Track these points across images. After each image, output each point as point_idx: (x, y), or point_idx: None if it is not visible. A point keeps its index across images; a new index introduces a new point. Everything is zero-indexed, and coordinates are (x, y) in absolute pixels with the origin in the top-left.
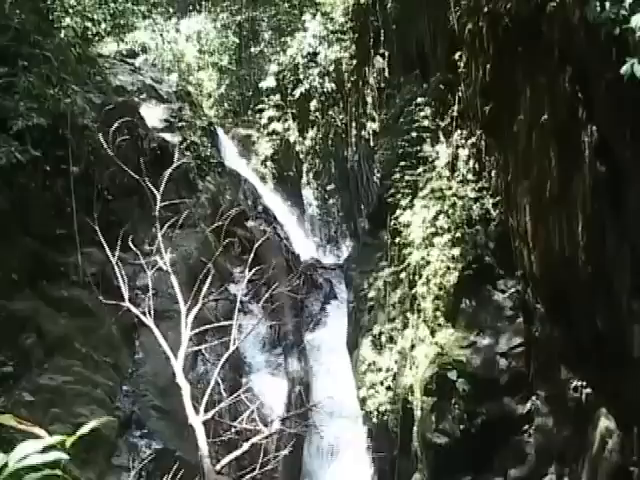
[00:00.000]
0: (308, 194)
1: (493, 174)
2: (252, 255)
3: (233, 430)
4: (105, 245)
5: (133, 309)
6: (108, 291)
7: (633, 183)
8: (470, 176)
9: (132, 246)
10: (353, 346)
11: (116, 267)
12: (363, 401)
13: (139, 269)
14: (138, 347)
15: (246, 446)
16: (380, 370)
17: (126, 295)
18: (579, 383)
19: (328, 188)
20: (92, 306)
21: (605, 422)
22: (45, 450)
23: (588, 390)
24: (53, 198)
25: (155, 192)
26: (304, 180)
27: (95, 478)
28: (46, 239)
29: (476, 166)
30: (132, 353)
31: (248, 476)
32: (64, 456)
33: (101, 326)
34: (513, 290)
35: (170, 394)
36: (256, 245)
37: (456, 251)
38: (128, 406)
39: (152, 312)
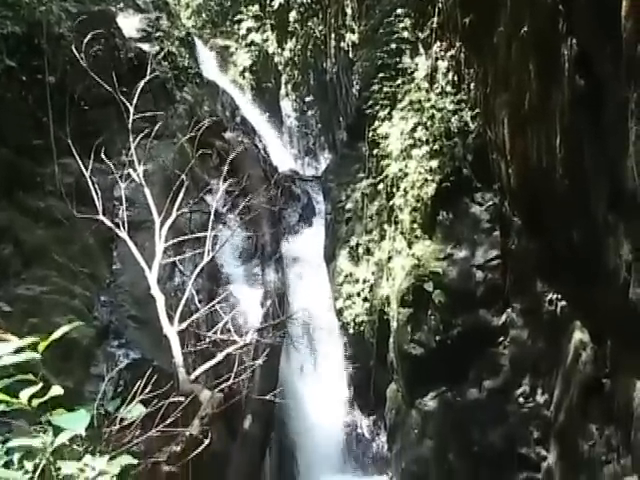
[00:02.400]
0: (286, 106)
1: (472, 86)
2: (229, 165)
3: (209, 340)
4: (81, 156)
5: (106, 221)
6: (85, 202)
7: (612, 96)
8: (449, 88)
9: (108, 157)
10: (330, 258)
11: (89, 180)
12: (340, 312)
13: (116, 180)
14: (115, 257)
15: (221, 356)
16: (357, 281)
17: (100, 207)
18: (554, 296)
19: (306, 100)
20: (69, 217)
21: (579, 334)
22: (17, 352)
23: (563, 303)
24: (29, 108)
25: (129, 103)
26: (282, 92)
27: (73, 387)
28: (22, 150)
29: (455, 78)
30: (109, 263)
31: (223, 385)
32: (36, 356)
33: (78, 237)
34: (490, 203)
35: (148, 304)
36: (232, 155)
37: (434, 163)
38: (106, 316)
39: (126, 223)
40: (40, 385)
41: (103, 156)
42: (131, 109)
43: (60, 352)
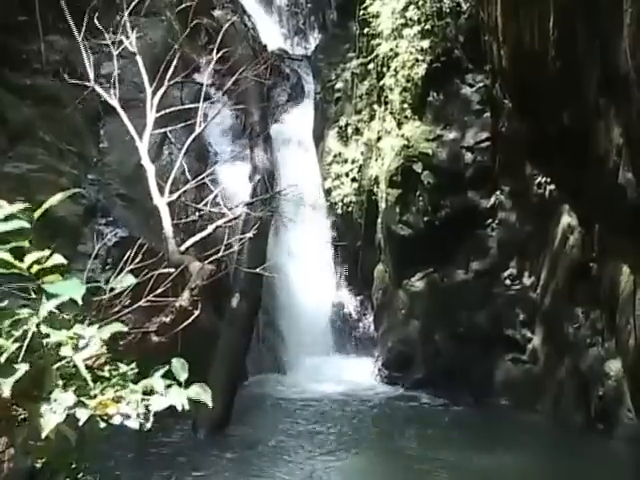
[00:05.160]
0: None
1: None
2: (218, 42)
3: (198, 215)
4: (67, 32)
5: (98, 89)
6: (71, 79)
7: None
8: None
9: (95, 34)
10: (319, 138)
11: (79, 53)
12: (328, 192)
13: (103, 57)
14: (103, 136)
15: (211, 228)
16: (346, 161)
17: (91, 75)
18: (543, 179)
19: None
20: (56, 94)
21: (567, 218)
22: (8, 219)
23: (552, 186)
24: None
25: None
26: None
27: None
28: (8, 27)
29: None
30: (97, 142)
31: (211, 259)
32: (26, 225)
33: (65, 115)
34: (481, 84)
35: (135, 183)
36: (222, 30)
37: (425, 43)
38: (93, 194)
39: (117, 95)
40: (46, 252)
41: (90, 32)
42: None
43: (47, 230)
